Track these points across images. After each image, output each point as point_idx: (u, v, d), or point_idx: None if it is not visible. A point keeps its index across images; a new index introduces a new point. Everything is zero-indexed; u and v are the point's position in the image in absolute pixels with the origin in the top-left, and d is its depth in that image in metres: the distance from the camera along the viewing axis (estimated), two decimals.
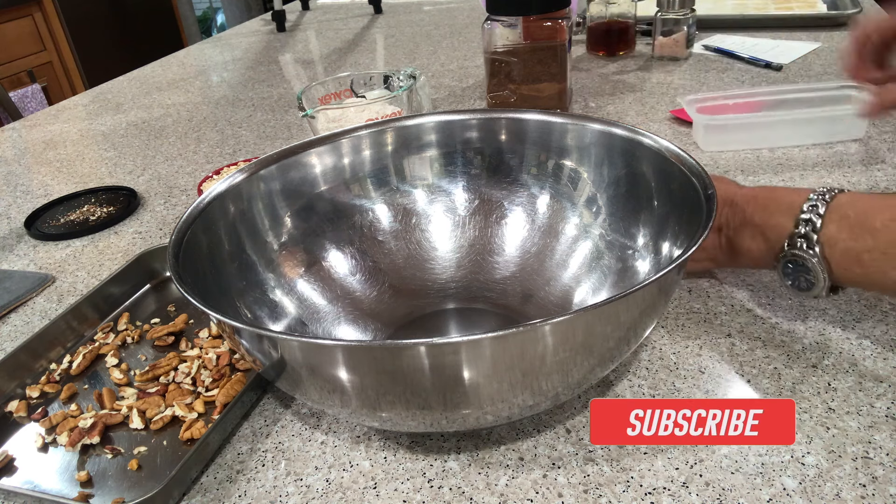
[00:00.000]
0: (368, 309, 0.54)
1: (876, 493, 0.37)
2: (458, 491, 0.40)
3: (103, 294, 0.60)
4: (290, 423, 0.46)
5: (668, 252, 0.47)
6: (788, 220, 0.46)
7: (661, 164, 0.48)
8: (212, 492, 0.42)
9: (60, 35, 2.78)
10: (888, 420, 0.42)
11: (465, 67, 1.22)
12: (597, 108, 0.95)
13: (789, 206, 0.46)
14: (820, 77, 0.98)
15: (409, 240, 0.58)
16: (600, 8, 1.14)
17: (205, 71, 1.43)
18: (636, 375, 0.47)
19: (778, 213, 0.47)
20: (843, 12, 1.20)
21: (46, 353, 0.54)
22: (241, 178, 0.51)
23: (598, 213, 0.54)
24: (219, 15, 4.14)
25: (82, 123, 1.14)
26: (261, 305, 0.50)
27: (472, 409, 0.37)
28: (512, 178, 0.58)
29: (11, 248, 0.75)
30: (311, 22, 1.75)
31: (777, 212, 0.47)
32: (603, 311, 0.35)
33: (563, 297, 0.53)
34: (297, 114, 1.05)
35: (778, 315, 0.51)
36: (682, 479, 0.39)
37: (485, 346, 0.34)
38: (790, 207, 0.46)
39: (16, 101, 1.91)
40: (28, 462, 0.45)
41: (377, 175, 0.58)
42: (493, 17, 0.86)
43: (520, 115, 0.57)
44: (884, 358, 0.46)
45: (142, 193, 0.84)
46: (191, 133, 1.04)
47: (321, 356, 0.36)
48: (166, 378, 0.51)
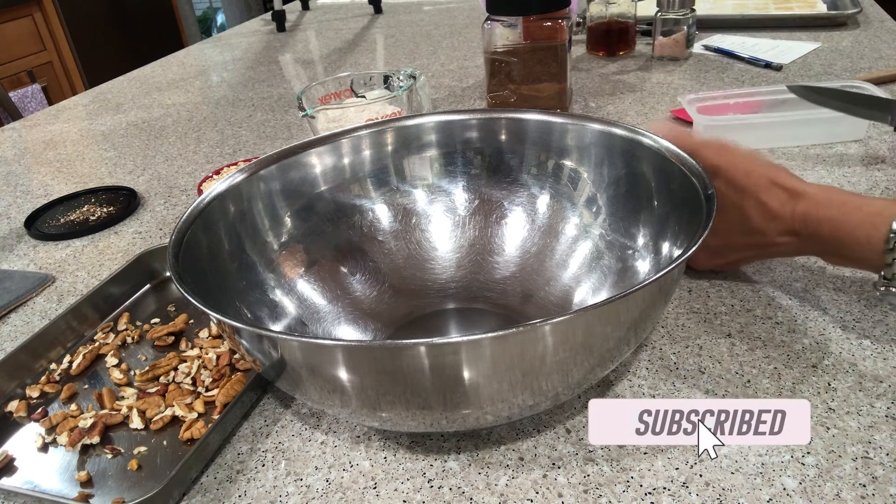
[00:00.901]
0: (368, 309, 0.54)
1: (876, 493, 0.37)
2: (458, 491, 0.40)
3: (103, 294, 0.60)
4: (290, 423, 0.46)
5: (668, 252, 0.47)
6: (874, 255, 0.44)
7: (661, 164, 0.48)
8: (212, 492, 0.42)
9: (60, 35, 2.78)
10: (888, 420, 0.42)
11: (465, 67, 1.22)
12: (597, 108, 0.95)
13: (868, 241, 0.44)
14: (820, 77, 0.98)
15: (409, 240, 0.58)
16: (600, 8, 1.14)
17: (205, 71, 1.43)
18: (636, 375, 0.47)
19: (857, 248, 0.44)
20: (843, 12, 1.20)
21: (46, 353, 0.54)
22: (241, 178, 0.51)
23: (598, 213, 0.54)
24: (219, 15, 4.14)
25: (82, 123, 1.14)
26: (261, 305, 0.50)
27: (472, 409, 0.37)
28: (512, 178, 0.58)
29: (11, 248, 0.75)
30: (311, 22, 1.75)
31: (856, 246, 0.44)
32: (603, 311, 0.35)
33: (563, 297, 0.53)
34: (297, 114, 1.05)
35: (778, 315, 0.51)
36: (682, 479, 0.39)
37: (485, 346, 0.34)
38: (869, 243, 0.43)
39: (16, 101, 1.91)
40: (28, 462, 0.45)
41: (377, 175, 0.58)
42: (493, 17, 0.86)
43: (520, 115, 0.57)
44: (884, 358, 0.46)
45: (142, 193, 0.84)
46: (191, 133, 1.04)
47: (321, 356, 0.36)
48: (166, 378, 0.51)
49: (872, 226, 0.43)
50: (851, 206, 0.45)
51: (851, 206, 0.45)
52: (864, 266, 0.47)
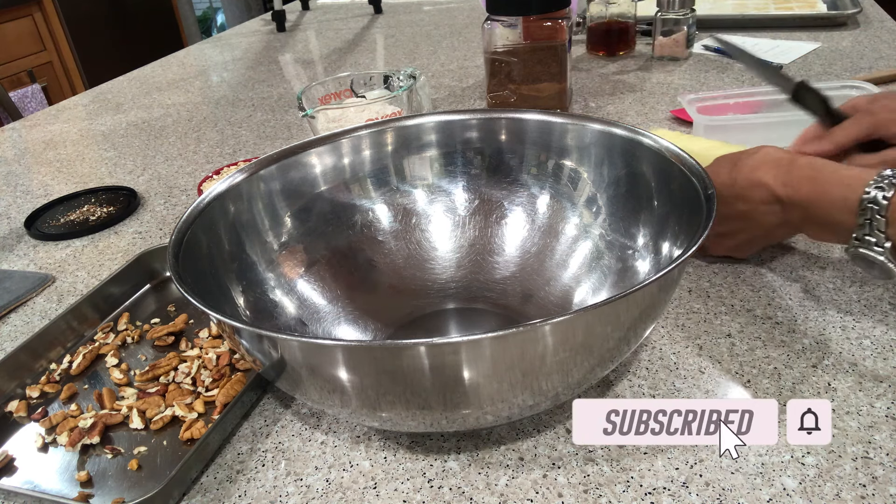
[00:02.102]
0: (368, 309, 0.54)
1: (876, 493, 0.37)
2: (458, 491, 0.40)
3: (103, 294, 0.60)
4: (290, 423, 0.46)
5: (668, 252, 0.47)
6: (848, 217, 0.45)
7: (661, 164, 0.48)
8: (212, 492, 0.42)
9: (60, 35, 2.78)
10: (888, 420, 0.42)
11: (465, 67, 1.22)
12: (597, 108, 0.95)
13: (843, 202, 0.45)
14: (820, 77, 0.98)
15: (409, 240, 0.58)
16: (600, 8, 1.14)
17: (205, 71, 1.43)
18: (636, 375, 0.47)
19: (833, 210, 0.46)
20: (843, 12, 1.20)
21: (46, 353, 0.54)
22: (241, 178, 0.51)
23: (598, 213, 0.54)
24: (219, 15, 4.14)
25: (82, 123, 1.14)
26: (261, 305, 0.50)
27: (472, 409, 0.37)
28: (512, 178, 0.58)
29: (11, 248, 0.75)
30: (311, 22, 1.75)
31: (832, 208, 0.46)
32: (603, 311, 0.35)
33: (563, 297, 0.53)
34: (297, 114, 1.05)
35: (778, 315, 0.51)
36: (682, 479, 0.39)
37: (485, 346, 0.34)
38: (844, 203, 0.45)
39: (16, 101, 1.91)
40: (28, 462, 0.45)
41: (377, 175, 0.58)
42: (493, 17, 0.86)
43: (520, 115, 0.57)
44: (884, 358, 0.46)
45: (142, 193, 0.84)
46: (191, 133, 1.04)
47: (321, 356, 0.36)
48: (166, 378, 0.51)
49: (848, 187, 0.45)
50: (829, 169, 0.48)
51: (829, 170, 0.48)
52: (839, 234, 0.47)
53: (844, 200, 0.45)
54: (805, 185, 0.48)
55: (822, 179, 0.47)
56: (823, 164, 0.48)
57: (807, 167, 0.49)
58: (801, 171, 0.49)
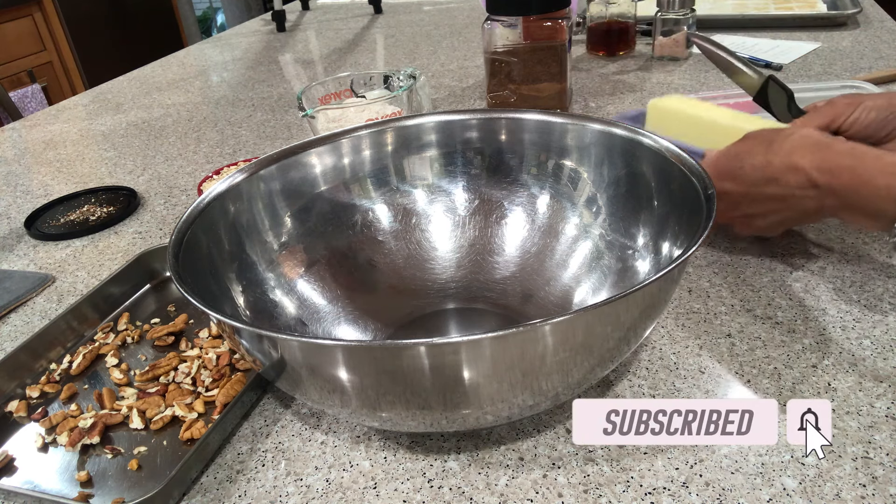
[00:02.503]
0: (368, 309, 0.54)
1: (876, 493, 0.37)
2: (458, 491, 0.40)
3: (103, 294, 0.60)
4: (290, 423, 0.46)
5: (668, 252, 0.47)
6: (891, 206, 0.44)
7: (661, 164, 0.48)
8: (212, 492, 0.42)
9: (60, 35, 2.78)
10: (888, 420, 0.42)
11: (465, 67, 1.22)
12: (597, 108, 0.95)
13: (887, 190, 0.44)
14: (820, 77, 0.98)
15: (409, 240, 0.58)
16: (600, 8, 1.14)
17: (205, 71, 1.43)
18: (636, 375, 0.47)
19: (875, 198, 0.45)
20: (843, 12, 1.20)
21: (46, 353, 0.54)
22: (241, 178, 0.51)
23: (598, 213, 0.54)
24: (219, 15, 4.14)
25: (82, 123, 1.14)
26: (261, 305, 0.50)
27: (472, 409, 0.37)
28: (512, 178, 0.58)
29: (11, 248, 0.75)
30: (311, 22, 1.75)
31: (874, 196, 0.45)
32: (603, 311, 0.35)
33: (563, 297, 0.53)
34: (297, 114, 1.05)
35: (778, 315, 0.51)
36: (682, 479, 0.39)
37: (485, 346, 0.34)
38: (888, 192, 0.44)
39: (16, 101, 1.91)
40: (28, 462, 0.45)
41: (377, 175, 0.58)
42: (493, 17, 0.86)
43: (520, 115, 0.57)
44: (884, 358, 0.46)
45: (142, 193, 0.84)
46: (191, 133, 1.04)
47: (321, 356, 0.36)
48: (166, 378, 0.51)
49: (892, 175, 0.44)
50: (871, 156, 0.46)
51: (872, 156, 0.46)
52: (880, 221, 0.46)
53: (889, 189, 0.44)
54: (845, 174, 0.46)
55: (864, 167, 0.46)
56: (865, 151, 0.47)
57: (847, 154, 0.47)
58: (841, 157, 0.47)
